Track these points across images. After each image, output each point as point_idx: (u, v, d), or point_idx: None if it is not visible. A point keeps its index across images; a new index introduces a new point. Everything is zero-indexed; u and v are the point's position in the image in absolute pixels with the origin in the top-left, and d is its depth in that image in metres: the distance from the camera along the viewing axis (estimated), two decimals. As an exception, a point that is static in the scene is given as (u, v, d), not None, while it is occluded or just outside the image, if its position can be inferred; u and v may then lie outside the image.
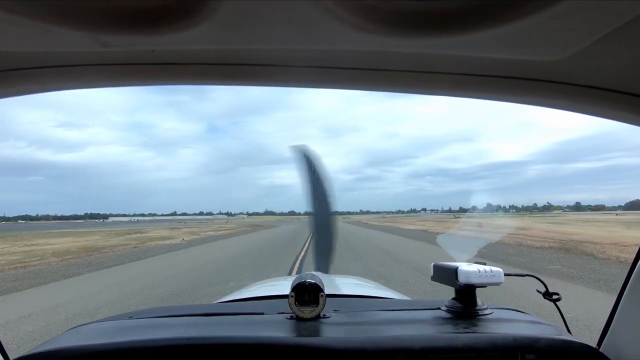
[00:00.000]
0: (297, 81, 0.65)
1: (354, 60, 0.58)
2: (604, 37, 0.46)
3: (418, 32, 0.43)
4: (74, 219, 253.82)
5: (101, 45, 0.46)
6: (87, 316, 5.17)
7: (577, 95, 0.64)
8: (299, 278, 0.83)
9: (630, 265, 0.78)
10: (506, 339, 0.72)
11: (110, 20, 0.41)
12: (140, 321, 0.86)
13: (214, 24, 0.43)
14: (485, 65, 0.59)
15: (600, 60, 0.55)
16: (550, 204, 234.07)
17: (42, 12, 0.39)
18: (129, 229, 40.82)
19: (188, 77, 0.61)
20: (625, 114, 0.65)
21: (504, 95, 0.67)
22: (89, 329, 0.83)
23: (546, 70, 0.59)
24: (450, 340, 0.72)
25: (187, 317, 0.88)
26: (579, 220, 38.86)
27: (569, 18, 0.41)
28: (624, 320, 0.77)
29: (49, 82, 0.60)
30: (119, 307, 5.65)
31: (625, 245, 12.34)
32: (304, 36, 0.47)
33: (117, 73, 0.59)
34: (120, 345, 0.71)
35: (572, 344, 0.73)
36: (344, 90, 0.66)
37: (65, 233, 32.07)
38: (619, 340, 0.78)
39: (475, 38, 0.45)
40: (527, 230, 20.56)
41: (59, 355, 0.69)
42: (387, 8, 0.40)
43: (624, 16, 0.41)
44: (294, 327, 0.79)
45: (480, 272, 0.82)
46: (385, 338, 0.72)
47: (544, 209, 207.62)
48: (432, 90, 0.67)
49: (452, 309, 0.88)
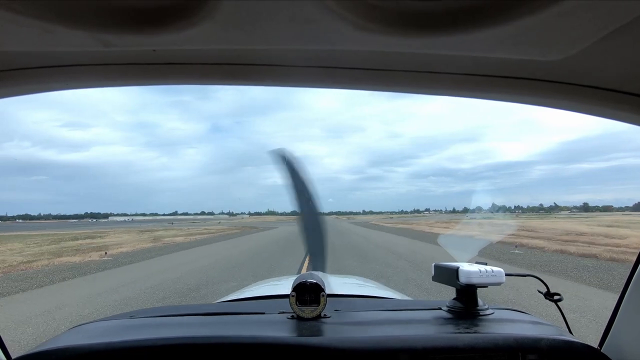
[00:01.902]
0: (298, 81, 0.65)
1: (356, 60, 0.58)
2: (605, 37, 0.45)
3: (419, 31, 0.43)
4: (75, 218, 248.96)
5: (102, 45, 0.46)
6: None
7: (579, 96, 0.63)
8: (300, 278, 0.83)
9: (631, 268, 0.78)
10: (507, 339, 0.72)
11: (112, 20, 0.42)
12: (141, 321, 0.86)
13: (215, 24, 0.43)
14: (487, 65, 0.58)
15: (602, 61, 0.54)
16: (557, 205, 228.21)
17: (43, 12, 0.40)
18: (90, 231, 34.30)
19: (189, 76, 0.61)
20: (628, 114, 0.65)
21: (505, 95, 0.67)
22: (89, 328, 0.83)
23: (548, 70, 0.59)
24: (451, 340, 0.71)
25: (188, 317, 0.88)
26: (596, 220, 36.33)
27: (571, 18, 0.41)
28: (625, 321, 0.78)
29: (51, 82, 0.60)
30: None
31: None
32: (305, 36, 0.47)
33: (118, 73, 0.59)
34: (121, 344, 0.71)
35: (574, 345, 0.73)
36: (347, 91, 0.66)
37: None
38: (621, 341, 0.78)
39: (477, 38, 0.45)
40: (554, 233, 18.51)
41: (60, 354, 0.69)
42: (389, 8, 0.40)
43: (626, 16, 0.41)
44: (295, 326, 0.79)
45: (481, 272, 0.81)
46: (386, 338, 0.72)
47: (551, 209, 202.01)
48: (434, 90, 0.67)
49: (453, 309, 0.87)
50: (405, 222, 52.21)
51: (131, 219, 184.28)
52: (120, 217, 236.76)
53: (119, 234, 29.34)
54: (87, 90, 0.65)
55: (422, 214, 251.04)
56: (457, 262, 0.88)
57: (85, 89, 0.69)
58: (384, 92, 0.68)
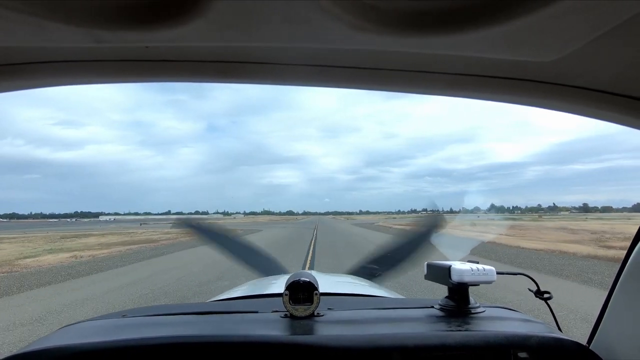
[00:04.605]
0: (292, 79, 0.64)
1: (350, 59, 0.58)
2: (598, 39, 0.46)
3: (413, 31, 0.44)
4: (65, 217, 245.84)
5: (94, 41, 0.46)
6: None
7: (572, 96, 0.63)
8: (294, 276, 0.83)
9: (620, 264, 0.79)
10: (498, 336, 0.72)
11: (103, 16, 0.41)
12: (133, 320, 0.85)
13: (208, 21, 0.42)
14: (479, 65, 0.59)
15: (594, 62, 0.55)
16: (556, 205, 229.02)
17: (34, 7, 0.39)
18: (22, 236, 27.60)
19: (182, 74, 0.61)
20: (618, 115, 0.65)
21: (498, 96, 0.67)
22: (80, 328, 0.82)
23: (540, 71, 0.59)
24: (443, 338, 0.72)
25: (180, 316, 0.87)
26: (607, 221, 34.92)
27: (564, 19, 0.41)
28: (613, 319, 0.78)
29: (41, 78, 0.59)
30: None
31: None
32: (299, 34, 0.46)
33: (110, 69, 0.59)
34: (112, 344, 0.70)
35: (563, 342, 0.73)
36: (343, 90, 0.68)
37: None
38: (609, 338, 0.79)
39: (470, 38, 0.45)
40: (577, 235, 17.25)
41: (50, 354, 0.68)
42: (383, 7, 0.40)
43: (619, 17, 0.41)
44: (288, 325, 0.78)
45: (473, 271, 0.82)
46: (378, 336, 0.72)
47: (550, 209, 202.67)
48: (427, 90, 0.67)
49: (445, 308, 0.88)
50: (414, 224, 43.67)
51: (113, 219, 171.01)
52: (105, 216, 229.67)
53: (38, 240, 21.48)
54: (81, 88, 0.65)
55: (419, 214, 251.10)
56: (449, 261, 0.89)
57: (79, 87, 0.68)
58: (379, 92, 0.68)
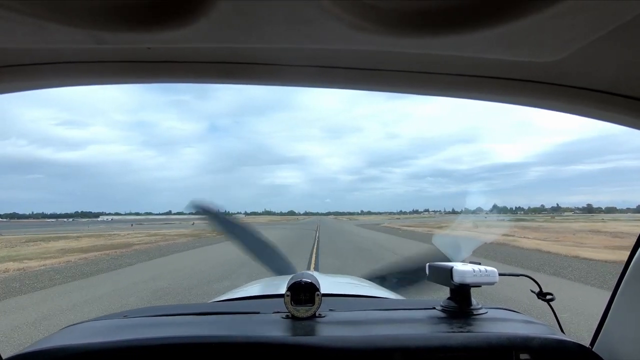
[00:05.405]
0: (293, 80, 0.64)
1: (352, 59, 0.58)
2: (599, 39, 0.46)
3: (414, 32, 0.44)
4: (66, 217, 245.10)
5: (96, 42, 0.46)
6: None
7: (572, 97, 0.63)
8: (295, 277, 0.83)
9: (623, 266, 0.79)
10: (500, 338, 0.72)
11: (105, 17, 0.41)
12: (135, 320, 0.85)
13: (210, 22, 0.43)
14: (481, 66, 0.58)
15: (596, 62, 0.55)
16: (559, 206, 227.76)
17: (35, 8, 0.39)
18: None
19: (184, 75, 0.61)
20: (619, 116, 0.65)
21: (499, 96, 0.66)
22: (82, 328, 0.81)
23: (541, 71, 0.59)
24: (445, 340, 0.72)
25: (182, 317, 0.87)
26: (621, 222, 33.82)
27: (564, 20, 0.41)
28: (616, 320, 0.78)
29: (44, 79, 0.60)
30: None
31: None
32: (300, 35, 0.47)
33: (113, 70, 0.59)
34: (114, 344, 0.70)
35: (565, 343, 0.73)
36: (345, 91, 0.66)
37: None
38: (612, 339, 0.78)
39: (472, 39, 0.45)
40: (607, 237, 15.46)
41: (52, 354, 0.68)
42: (384, 8, 0.40)
43: (619, 18, 0.41)
44: (290, 326, 0.78)
45: (475, 272, 0.82)
46: (380, 337, 0.72)
47: (553, 210, 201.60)
48: (429, 91, 0.67)
49: (447, 309, 0.88)
50: (425, 225, 36.98)
51: (111, 219, 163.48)
52: (105, 216, 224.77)
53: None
54: (84, 88, 0.65)
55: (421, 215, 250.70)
56: (451, 262, 0.88)
57: (83, 88, 0.68)
58: (381, 93, 0.68)
